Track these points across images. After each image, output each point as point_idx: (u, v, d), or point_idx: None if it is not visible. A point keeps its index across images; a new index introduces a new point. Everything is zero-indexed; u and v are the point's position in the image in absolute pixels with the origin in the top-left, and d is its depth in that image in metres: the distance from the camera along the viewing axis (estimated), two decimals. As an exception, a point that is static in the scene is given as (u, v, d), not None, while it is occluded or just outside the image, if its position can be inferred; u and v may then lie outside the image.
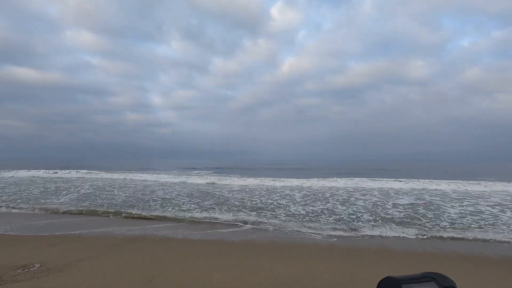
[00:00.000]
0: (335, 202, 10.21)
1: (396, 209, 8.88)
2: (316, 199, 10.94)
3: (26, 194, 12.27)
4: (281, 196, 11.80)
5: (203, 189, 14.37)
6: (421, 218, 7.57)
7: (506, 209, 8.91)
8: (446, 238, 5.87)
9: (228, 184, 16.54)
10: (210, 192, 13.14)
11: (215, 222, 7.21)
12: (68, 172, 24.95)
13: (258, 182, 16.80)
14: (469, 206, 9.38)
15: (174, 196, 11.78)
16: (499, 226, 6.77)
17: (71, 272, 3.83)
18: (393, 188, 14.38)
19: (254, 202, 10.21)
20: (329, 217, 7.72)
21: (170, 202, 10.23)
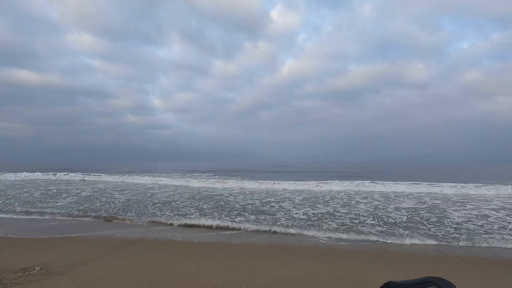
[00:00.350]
0: (336, 205, 10.18)
1: (398, 213, 8.85)
2: (317, 202, 10.91)
3: (26, 197, 12.27)
4: (281, 199, 11.78)
5: (203, 192, 14.35)
6: (424, 222, 7.47)
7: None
8: (452, 243, 5.77)
9: (229, 188, 16.52)
10: (210, 195, 13.12)
11: (216, 226, 7.20)
12: (66, 174, 24.97)
13: (258, 185, 16.77)
14: (473, 210, 9.23)
15: (174, 200, 11.77)
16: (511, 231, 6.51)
17: (71, 275, 3.82)
18: (394, 191, 14.35)
19: (255, 205, 10.18)
20: (330, 220, 7.70)
21: (170, 205, 10.22)
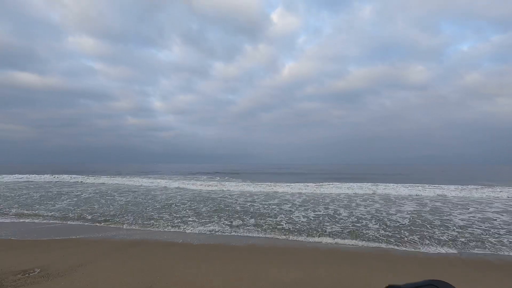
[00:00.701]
0: (336, 208, 10.16)
1: (400, 215, 8.83)
2: (317, 204, 10.88)
3: (25, 199, 12.26)
4: (282, 201, 11.76)
5: (203, 195, 14.34)
6: (427, 225, 7.34)
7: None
8: (456, 247, 5.68)
9: (229, 190, 16.49)
10: (211, 197, 13.10)
11: (216, 229, 7.19)
12: (63, 177, 24.95)
13: (259, 187, 16.76)
14: (476, 213, 9.09)
15: (174, 202, 11.76)
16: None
17: (72, 277, 3.82)
18: (395, 193, 14.30)
19: (255, 208, 10.16)
20: (331, 223, 7.68)
21: (170, 208, 10.21)
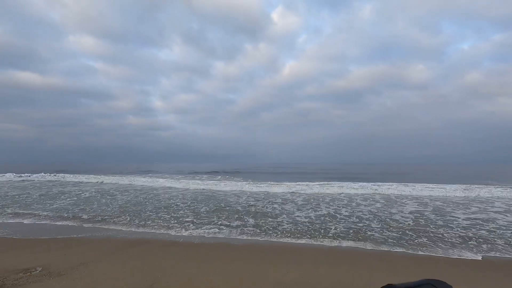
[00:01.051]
0: (337, 207, 10.15)
1: (401, 215, 8.82)
2: (318, 204, 10.88)
3: (24, 198, 12.31)
4: (283, 201, 11.76)
5: (204, 194, 14.36)
6: (430, 225, 7.27)
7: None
8: (458, 247, 5.66)
9: (229, 189, 16.50)
10: (211, 197, 13.12)
11: (217, 229, 7.20)
12: (64, 176, 25.02)
13: (259, 187, 16.75)
14: (478, 213, 9.00)
15: (175, 202, 11.78)
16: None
17: (73, 276, 3.84)
18: (395, 193, 14.26)
19: (256, 207, 10.18)
20: (332, 223, 7.69)
21: (170, 208, 10.23)
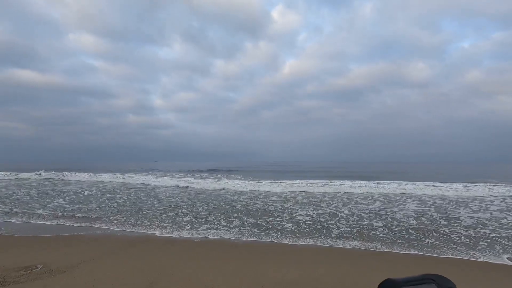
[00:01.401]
0: (337, 206, 10.15)
1: (402, 214, 8.81)
2: (319, 203, 10.87)
3: (23, 196, 12.35)
4: (283, 199, 11.76)
5: (204, 192, 14.38)
6: (433, 225, 7.21)
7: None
8: (459, 248, 5.65)
9: (229, 188, 16.49)
10: (211, 195, 13.14)
11: (217, 228, 7.21)
12: (64, 174, 25.08)
13: (259, 185, 16.75)
14: (479, 212, 8.91)
15: (175, 200, 11.80)
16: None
17: (74, 274, 3.85)
18: (395, 192, 14.25)
19: (257, 206, 10.18)
20: (332, 222, 7.69)
21: (170, 206, 10.24)
